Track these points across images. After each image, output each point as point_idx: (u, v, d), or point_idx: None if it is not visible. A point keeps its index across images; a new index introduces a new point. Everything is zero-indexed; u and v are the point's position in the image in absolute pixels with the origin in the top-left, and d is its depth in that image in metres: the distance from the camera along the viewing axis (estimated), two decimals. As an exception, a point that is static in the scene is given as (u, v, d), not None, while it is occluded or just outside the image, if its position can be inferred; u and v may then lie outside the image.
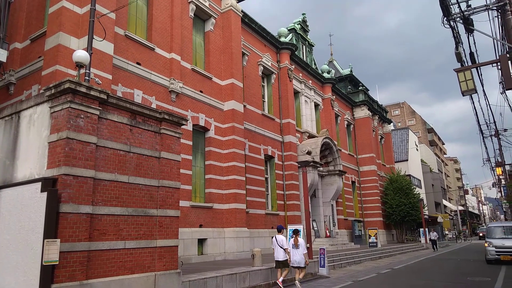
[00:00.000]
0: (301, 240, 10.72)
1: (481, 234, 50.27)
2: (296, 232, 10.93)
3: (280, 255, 10.36)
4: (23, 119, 7.30)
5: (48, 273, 5.81)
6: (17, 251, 6.34)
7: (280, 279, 10.32)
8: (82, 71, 8.18)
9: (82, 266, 6.26)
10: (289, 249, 10.48)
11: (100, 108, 6.95)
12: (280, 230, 10.87)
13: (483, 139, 24.57)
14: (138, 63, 13.37)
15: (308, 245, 13.85)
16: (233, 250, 15.53)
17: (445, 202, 66.97)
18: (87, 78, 8.80)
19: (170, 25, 14.93)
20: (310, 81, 26.79)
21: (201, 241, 14.76)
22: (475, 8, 11.58)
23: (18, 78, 12.85)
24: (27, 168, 6.89)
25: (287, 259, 10.36)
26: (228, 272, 9.94)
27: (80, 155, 6.51)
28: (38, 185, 6.22)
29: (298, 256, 10.49)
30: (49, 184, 6.14)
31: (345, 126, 32.07)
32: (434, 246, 29.19)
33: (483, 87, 16.14)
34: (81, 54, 7.58)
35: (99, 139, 6.92)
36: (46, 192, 6.03)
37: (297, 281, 10.58)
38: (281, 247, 10.35)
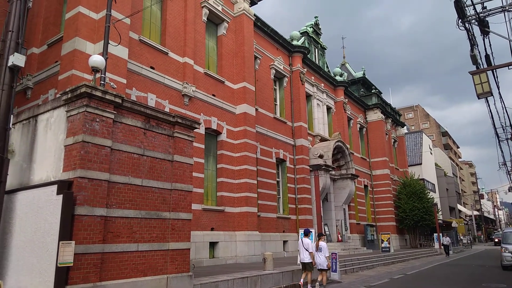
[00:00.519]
0: (322, 244, 11.16)
1: (496, 240, 46.66)
2: (319, 236, 11.49)
3: (306, 258, 10.78)
4: (40, 123, 7.47)
5: (62, 275, 5.91)
6: (33, 252, 6.47)
7: (301, 280, 10.78)
8: (98, 75, 8.34)
9: (96, 268, 6.36)
10: (314, 252, 10.87)
11: (115, 112, 7.07)
12: (307, 234, 11.24)
13: (499, 142, 24.12)
14: (152, 67, 13.53)
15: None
16: (244, 254, 15.54)
17: (459, 207, 65.89)
18: (102, 82, 8.95)
19: (183, 30, 15.09)
20: (323, 84, 26.72)
21: (212, 244, 14.81)
22: (490, 10, 11.42)
23: (35, 82, 13.13)
24: (44, 171, 7.04)
25: (311, 262, 10.78)
26: (240, 275, 9.96)
27: (95, 158, 6.62)
28: (54, 187, 6.34)
29: (319, 259, 10.94)
30: (64, 187, 6.26)
31: (358, 129, 31.87)
32: (447, 251, 28.60)
33: (499, 89, 15.88)
34: (96, 59, 7.73)
35: (113, 142, 7.03)
36: (61, 195, 6.16)
37: (317, 283, 10.90)
38: (306, 250, 10.76)
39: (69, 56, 11.10)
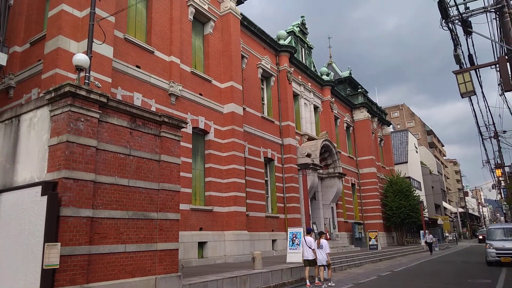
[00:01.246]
0: (324, 241, 11.81)
1: (480, 237, 44.02)
2: (320, 234, 12.38)
3: (309, 255, 11.52)
4: (23, 123, 7.31)
5: (48, 277, 5.79)
6: (17, 255, 6.33)
7: (316, 279, 11.57)
8: (82, 74, 8.18)
9: (82, 269, 6.25)
10: (316, 249, 11.64)
11: (100, 112, 6.96)
12: (309, 232, 12.12)
13: (482, 141, 24.62)
14: (137, 66, 13.38)
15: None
16: (234, 253, 15.49)
17: (445, 204, 66.95)
18: (87, 81, 8.81)
19: (169, 28, 14.96)
20: (310, 84, 26.82)
21: (201, 244, 14.72)
22: (473, 10, 11.61)
23: (18, 81, 12.86)
24: (28, 171, 6.88)
25: (315, 258, 11.50)
26: (229, 275, 9.91)
27: (80, 159, 6.51)
28: (39, 188, 6.21)
29: (320, 255, 11.58)
30: (49, 188, 6.14)
31: (345, 128, 32.10)
32: (431, 249, 28.32)
33: (482, 89, 16.18)
34: (80, 58, 7.59)
35: (99, 142, 6.92)
36: (46, 196, 6.04)
37: (316, 278, 11.60)
38: (309, 247, 11.52)
39: (53, 55, 10.89)
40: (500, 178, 33.96)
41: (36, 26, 12.98)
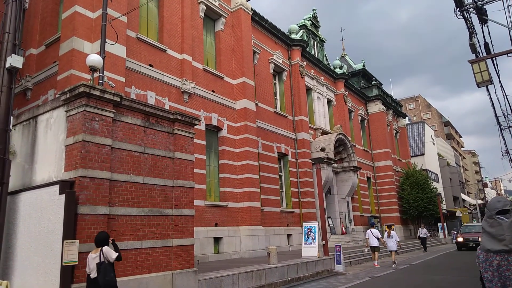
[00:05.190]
0: (393, 232, 15.64)
1: (460, 239, 23.30)
2: (389, 226, 16.56)
3: (374, 242, 14.96)
4: (40, 124, 7.49)
5: (68, 274, 5.95)
6: (37, 252, 6.51)
7: (376, 262, 14.98)
8: (96, 74, 8.32)
9: (100, 266, 6.38)
10: (384, 239, 15.49)
11: (114, 111, 7.08)
12: (372, 225, 16.06)
13: (501, 131, 24.04)
14: (150, 65, 13.52)
15: (323, 242, 13.91)
16: (249, 248, 15.59)
17: (463, 196, 65.77)
18: (101, 81, 8.95)
19: (181, 26, 15.04)
20: (322, 77, 26.64)
21: (216, 240, 14.87)
22: (488, -2, 11.33)
23: (35, 83, 13.14)
24: (45, 171, 7.06)
25: (379, 245, 15.05)
26: (244, 270, 9.99)
27: (96, 157, 6.64)
28: (56, 187, 6.37)
29: (391, 243, 15.30)
30: (66, 187, 6.29)
31: (359, 121, 31.80)
32: (424, 245, 23.50)
33: (499, 77, 15.80)
34: (94, 58, 7.72)
35: (114, 141, 7.04)
36: (64, 195, 6.18)
37: (393, 261, 15.10)
38: (376, 237, 14.91)
39: (67, 56, 11.10)
40: (520, 169, 33.16)
41: (50, 28, 13.22)
